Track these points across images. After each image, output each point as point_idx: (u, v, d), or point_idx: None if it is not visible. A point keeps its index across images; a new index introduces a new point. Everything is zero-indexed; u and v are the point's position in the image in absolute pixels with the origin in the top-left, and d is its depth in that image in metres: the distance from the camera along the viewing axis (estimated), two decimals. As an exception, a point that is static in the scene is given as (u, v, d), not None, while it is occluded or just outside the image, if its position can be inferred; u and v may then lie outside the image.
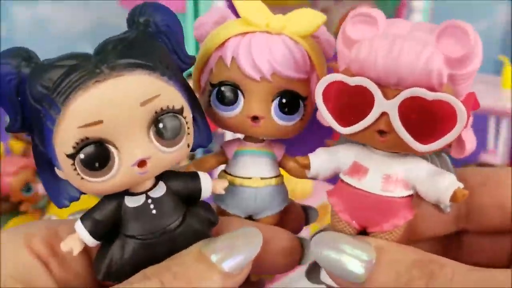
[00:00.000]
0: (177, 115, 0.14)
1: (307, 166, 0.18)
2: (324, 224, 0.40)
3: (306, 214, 0.21)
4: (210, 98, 0.18)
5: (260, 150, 0.19)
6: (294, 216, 0.20)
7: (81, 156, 0.13)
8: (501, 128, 0.55)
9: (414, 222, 0.17)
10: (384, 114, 0.15)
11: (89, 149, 0.13)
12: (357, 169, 0.17)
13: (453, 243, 0.20)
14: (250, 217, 0.19)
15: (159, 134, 0.14)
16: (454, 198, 0.16)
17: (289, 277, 0.37)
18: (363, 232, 0.17)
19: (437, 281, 0.14)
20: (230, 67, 0.17)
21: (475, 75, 0.15)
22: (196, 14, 0.59)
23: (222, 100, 0.17)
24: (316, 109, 0.18)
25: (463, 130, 0.15)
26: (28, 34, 0.87)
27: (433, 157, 0.17)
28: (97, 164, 0.14)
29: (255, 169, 0.18)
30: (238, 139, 0.19)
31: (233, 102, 0.17)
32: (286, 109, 0.17)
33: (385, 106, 0.15)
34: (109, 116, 0.13)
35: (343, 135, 0.17)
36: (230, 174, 0.19)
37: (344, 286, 0.16)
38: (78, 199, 0.16)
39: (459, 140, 0.16)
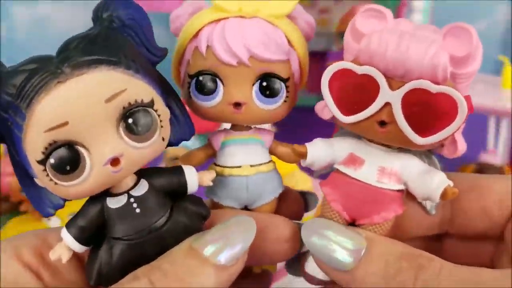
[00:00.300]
0: (147, 108, 0.14)
1: (304, 155, 0.18)
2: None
3: (305, 201, 0.21)
4: (189, 89, 0.18)
5: (247, 137, 0.19)
6: (291, 203, 0.20)
7: (51, 160, 0.13)
8: (501, 128, 0.55)
9: (400, 220, 0.18)
10: (387, 104, 0.16)
11: (58, 152, 0.13)
12: (354, 160, 0.17)
13: (435, 247, 0.20)
14: (245, 208, 0.19)
15: (129, 130, 0.14)
16: (444, 195, 0.16)
17: (289, 277, 0.37)
18: (352, 224, 0.17)
19: (426, 273, 0.14)
20: (206, 56, 0.17)
21: (474, 76, 0.16)
22: (196, 14, 0.59)
23: (202, 89, 0.17)
24: (314, 103, 0.18)
25: (458, 129, 0.16)
26: (28, 33, 0.87)
27: (423, 157, 0.18)
28: (68, 168, 0.13)
29: (243, 157, 0.18)
30: (225, 129, 0.19)
31: (213, 91, 0.17)
32: (268, 92, 0.17)
33: (389, 96, 0.15)
34: (74, 116, 0.13)
35: (343, 126, 0.17)
36: (219, 165, 0.19)
37: (332, 275, 0.16)
38: (62, 206, 0.16)
39: (453, 140, 0.17)
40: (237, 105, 0.17)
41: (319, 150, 0.18)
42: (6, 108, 0.13)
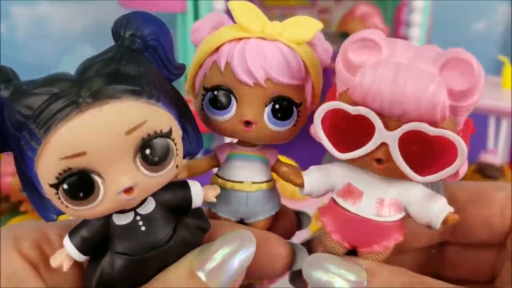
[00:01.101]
0: (165, 138, 0.14)
1: (301, 185, 0.18)
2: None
3: (298, 219, 0.21)
4: (203, 102, 0.18)
5: (253, 155, 0.19)
6: (286, 221, 0.20)
7: (65, 186, 0.13)
8: (501, 128, 0.55)
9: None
10: (383, 143, 0.15)
11: (73, 179, 0.13)
12: (351, 192, 0.17)
13: (436, 255, 0.20)
14: (241, 221, 0.19)
15: (146, 160, 0.14)
16: (445, 222, 0.16)
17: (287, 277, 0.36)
18: (353, 250, 0.17)
19: None
20: (224, 72, 0.17)
21: (475, 106, 0.15)
22: (196, 14, 0.59)
23: (215, 104, 0.18)
24: (310, 123, 0.17)
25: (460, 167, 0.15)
26: (27, 33, 0.87)
27: None
28: (81, 194, 0.13)
29: (246, 173, 0.19)
30: (231, 143, 0.19)
31: (226, 106, 0.17)
32: (279, 115, 0.17)
33: (385, 136, 0.15)
34: (92, 147, 0.13)
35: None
36: (221, 178, 0.19)
37: None
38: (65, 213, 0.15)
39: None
40: (248, 123, 0.17)
41: (315, 180, 0.18)
42: (19, 128, 0.13)
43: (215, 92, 0.17)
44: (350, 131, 0.16)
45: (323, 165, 0.18)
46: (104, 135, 0.13)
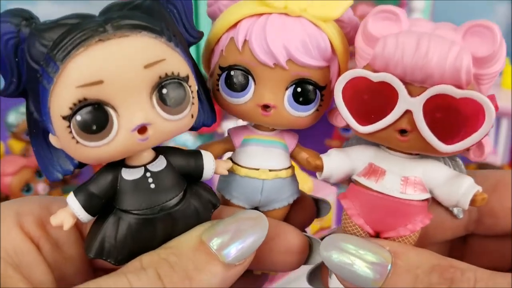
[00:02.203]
0: (182, 82, 0.14)
1: (320, 168, 0.17)
2: (323, 221, 0.40)
3: (317, 207, 0.20)
4: (218, 82, 0.17)
5: (271, 139, 0.17)
6: (304, 209, 0.19)
7: (78, 118, 0.13)
8: (501, 128, 0.55)
9: (426, 227, 0.16)
10: (407, 112, 0.14)
11: (87, 110, 0.13)
12: (374, 171, 0.16)
13: (458, 246, 0.19)
14: (256, 209, 0.18)
15: (162, 100, 0.14)
16: (473, 202, 0.15)
17: (289, 277, 0.36)
18: (376, 237, 0.16)
19: (460, 287, 0.13)
20: (242, 51, 0.16)
21: (498, 75, 0.15)
22: (196, 14, 0.59)
23: (231, 85, 0.16)
24: (329, 109, 0.17)
25: (486, 134, 0.15)
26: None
27: (447, 161, 0.17)
28: (94, 127, 0.13)
29: (263, 160, 0.17)
30: (247, 125, 0.18)
31: (243, 88, 0.16)
32: (301, 99, 0.16)
33: (409, 103, 0.14)
34: (110, 76, 0.13)
35: (358, 135, 0.16)
36: (235, 163, 0.18)
37: None
38: (71, 172, 0.15)
39: (480, 144, 0.15)
40: (266, 107, 0.16)
41: (336, 162, 0.17)
42: (38, 59, 0.13)
43: (232, 72, 0.16)
44: (372, 102, 0.15)
45: (343, 148, 0.17)
46: (122, 65, 0.13)
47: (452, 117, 0.14)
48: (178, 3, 0.15)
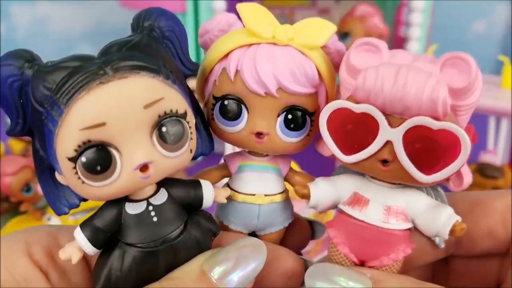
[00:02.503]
0: (181, 119, 0.14)
1: (307, 196, 0.17)
2: (323, 221, 0.40)
3: (312, 229, 0.21)
4: (213, 111, 0.17)
5: (265, 165, 0.18)
6: (299, 232, 0.20)
7: (83, 159, 0.13)
8: (501, 128, 0.55)
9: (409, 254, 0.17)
10: (388, 142, 0.15)
11: (91, 152, 0.13)
12: (358, 200, 0.16)
13: (441, 268, 0.20)
14: (253, 233, 0.19)
15: (162, 138, 0.14)
16: (452, 232, 0.15)
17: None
18: (361, 266, 0.17)
19: None
20: (234, 81, 0.16)
21: (475, 107, 0.15)
22: (196, 14, 0.59)
23: (225, 114, 0.17)
24: (316, 138, 0.17)
25: (463, 164, 0.15)
26: (27, 33, 0.87)
27: (429, 191, 0.17)
28: (99, 168, 0.13)
29: (258, 186, 0.18)
30: (242, 152, 0.19)
31: (237, 117, 0.17)
32: (292, 125, 0.17)
33: (390, 134, 0.15)
34: (112, 118, 0.13)
35: (343, 164, 0.17)
36: (232, 189, 0.18)
37: None
38: (78, 206, 0.16)
39: (459, 174, 0.16)
40: (260, 134, 0.17)
41: (322, 191, 0.17)
42: (42, 102, 0.13)
43: (225, 102, 0.17)
44: (355, 132, 0.16)
45: (331, 177, 0.18)
46: (123, 107, 0.13)
47: (431, 148, 0.15)
48: (174, 37, 0.15)
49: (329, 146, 0.16)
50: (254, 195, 0.18)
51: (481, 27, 0.86)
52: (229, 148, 0.34)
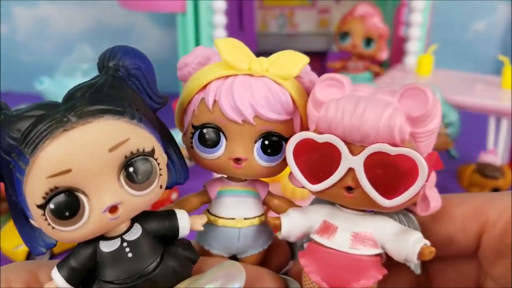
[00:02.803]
0: (148, 157, 0.14)
1: (278, 227, 0.18)
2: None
3: (291, 249, 0.22)
4: (192, 139, 0.18)
5: (243, 190, 0.19)
6: (279, 252, 0.20)
7: (51, 206, 0.13)
8: (501, 128, 0.55)
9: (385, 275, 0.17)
10: (351, 170, 0.16)
11: (59, 198, 0.13)
12: (327, 228, 0.17)
13: (423, 276, 0.20)
14: (233, 257, 0.19)
15: (130, 178, 0.14)
16: (421, 255, 0.16)
17: (288, 279, 0.36)
18: None
19: None
20: (212, 110, 0.17)
21: (435, 134, 0.16)
22: (196, 14, 0.59)
23: (204, 142, 0.18)
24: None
25: (426, 187, 0.16)
26: (28, 34, 0.87)
27: (401, 218, 0.18)
28: (67, 213, 0.14)
29: (238, 210, 0.19)
30: (221, 178, 0.19)
31: (216, 144, 0.18)
32: (269, 151, 0.18)
33: (351, 161, 0.16)
34: (77, 164, 0.13)
35: (313, 194, 0.17)
36: (213, 214, 0.19)
37: None
38: (55, 245, 0.16)
39: (424, 197, 0.16)
40: (238, 160, 0.18)
41: (293, 221, 0.18)
42: (9, 152, 0.14)
43: (204, 130, 0.18)
44: (320, 161, 0.17)
45: (302, 207, 0.19)
46: (88, 152, 0.13)
47: (391, 173, 0.16)
48: (140, 74, 0.15)
49: (296, 175, 0.17)
50: (234, 219, 0.19)
51: (481, 27, 0.86)
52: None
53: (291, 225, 0.18)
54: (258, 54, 0.18)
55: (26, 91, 0.78)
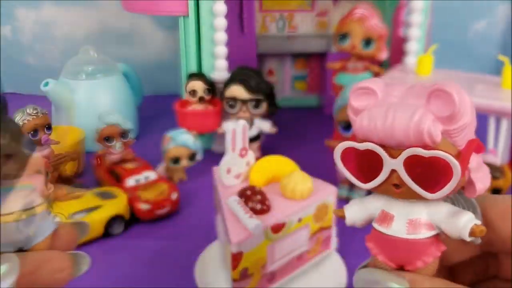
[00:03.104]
0: None
1: (344, 217, 0.21)
2: (323, 221, 0.41)
3: (79, 229, 0.23)
4: None
5: (20, 185, 0.20)
6: (65, 235, 0.22)
7: None
8: (501, 128, 0.55)
9: (445, 252, 0.19)
10: (394, 170, 0.18)
11: None
12: (385, 217, 0.20)
13: (492, 261, 0.22)
14: (20, 250, 0.20)
15: None
16: (472, 234, 0.18)
17: (289, 277, 0.37)
18: (401, 269, 0.20)
19: None
20: None
21: (470, 127, 0.18)
22: (198, 17, 0.60)
23: None
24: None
25: (471, 171, 0.18)
26: (32, 36, 0.89)
27: (457, 196, 0.20)
28: None
29: (15, 203, 0.19)
30: None
31: None
32: None
33: (392, 164, 0.18)
34: None
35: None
36: None
37: None
38: None
39: (470, 181, 0.18)
40: None
41: (354, 213, 0.21)
42: None
43: None
44: (367, 164, 0.19)
45: (363, 198, 0.21)
46: None
47: (429, 171, 0.17)
48: None
49: (348, 177, 0.20)
50: (12, 213, 0.19)
51: (481, 26, 0.86)
52: (229, 148, 0.35)
53: (353, 215, 0.21)
54: (258, 55, 0.18)
55: (31, 93, 0.79)
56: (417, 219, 0.19)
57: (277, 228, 0.32)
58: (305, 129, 0.70)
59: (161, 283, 0.38)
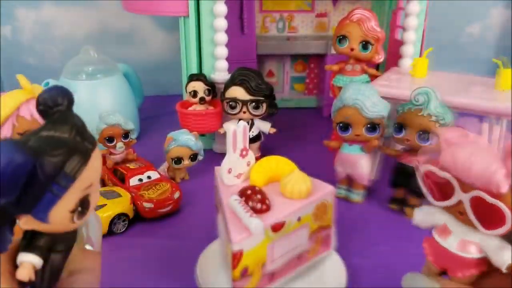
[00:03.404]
0: None
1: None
2: (322, 220, 0.41)
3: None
4: None
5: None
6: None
7: (79, 209, 0.19)
8: (497, 129, 0.56)
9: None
10: (461, 201, 0.23)
11: (85, 203, 0.19)
12: (444, 231, 0.25)
13: None
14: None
15: None
16: (509, 269, 0.23)
17: (289, 277, 0.37)
18: (444, 272, 0.26)
19: None
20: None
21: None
22: (198, 17, 0.60)
23: None
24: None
25: None
26: (33, 36, 0.89)
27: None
28: (86, 211, 0.20)
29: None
30: None
31: None
32: None
33: (461, 196, 0.23)
34: (95, 179, 0.20)
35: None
36: None
37: None
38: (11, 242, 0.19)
39: None
40: None
41: (422, 217, 0.26)
42: (51, 178, 0.18)
43: None
44: (441, 187, 0.23)
45: (433, 208, 0.26)
46: (98, 170, 0.20)
47: (488, 214, 0.21)
48: None
49: (424, 193, 0.25)
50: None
51: (476, 29, 0.87)
52: (230, 149, 0.36)
53: (420, 219, 0.26)
54: (258, 56, 0.18)
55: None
56: (469, 241, 0.24)
57: (277, 227, 0.33)
58: (304, 130, 0.71)
59: (162, 281, 0.39)
